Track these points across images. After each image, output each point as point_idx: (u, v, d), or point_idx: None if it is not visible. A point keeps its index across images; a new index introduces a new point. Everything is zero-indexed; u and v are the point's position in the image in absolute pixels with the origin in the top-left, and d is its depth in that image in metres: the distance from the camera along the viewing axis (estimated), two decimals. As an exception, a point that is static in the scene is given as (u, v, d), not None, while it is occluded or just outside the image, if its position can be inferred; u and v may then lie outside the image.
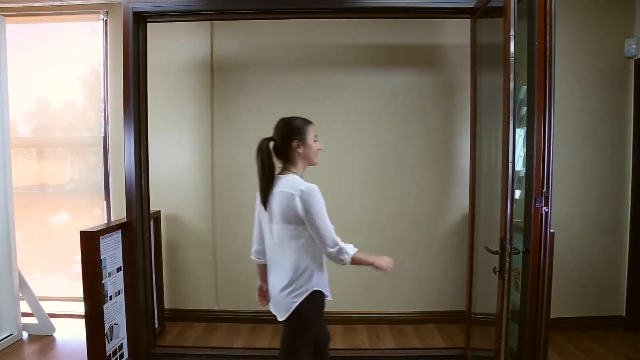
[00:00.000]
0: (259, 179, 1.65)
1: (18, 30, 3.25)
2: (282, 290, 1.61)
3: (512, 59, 1.79)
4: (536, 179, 1.82)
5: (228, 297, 3.21)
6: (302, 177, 1.65)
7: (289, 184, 1.59)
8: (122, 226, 2.43)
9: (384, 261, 1.64)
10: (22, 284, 2.90)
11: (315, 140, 1.69)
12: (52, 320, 2.99)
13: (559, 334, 2.86)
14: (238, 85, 3.10)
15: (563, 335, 2.86)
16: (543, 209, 1.81)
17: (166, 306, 3.10)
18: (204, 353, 2.65)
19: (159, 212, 3.02)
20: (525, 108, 2.33)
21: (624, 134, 2.95)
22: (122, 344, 2.44)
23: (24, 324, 2.94)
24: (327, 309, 1.72)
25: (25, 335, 2.94)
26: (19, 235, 3.08)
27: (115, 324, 2.37)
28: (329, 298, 1.70)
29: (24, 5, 3.12)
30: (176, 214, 3.17)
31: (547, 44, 1.85)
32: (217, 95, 3.12)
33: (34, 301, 2.93)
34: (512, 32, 1.78)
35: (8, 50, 2.83)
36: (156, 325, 2.83)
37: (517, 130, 2.29)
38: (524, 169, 2.33)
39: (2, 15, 2.81)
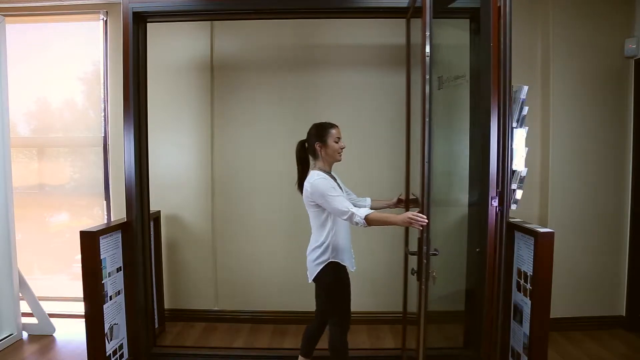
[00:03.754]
0: (297, 172, 2.10)
1: (18, 30, 3.25)
2: (309, 257, 2.05)
3: (427, 59, 1.79)
4: (497, 178, 1.83)
5: (228, 297, 3.21)
6: (324, 171, 2.02)
7: (308, 177, 2.00)
8: (122, 226, 2.43)
9: (400, 219, 1.78)
10: (22, 284, 2.89)
11: (336, 142, 2.03)
12: (52, 320, 2.99)
13: (559, 334, 2.87)
14: (238, 86, 3.10)
15: (563, 335, 2.86)
16: (497, 207, 1.82)
17: (166, 306, 3.10)
18: (203, 353, 2.65)
19: (159, 212, 3.02)
20: (527, 108, 2.34)
21: (624, 134, 2.95)
22: (122, 344, 2.44)
23: (24, 324, 2.94)
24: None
25: (25, 335, 2.94)
26: (19, 235, 3.08)
27: (115, 324, 2.37)
28: (351, 269, 2.06)
29: (24, 5, 3.12)
30: (176, 214, 3.17)
31: (502, 45, 1.85)
32: (217, 95, 3.12)
33: (34, 301, 2.93)
34: (427, 32, 1.78)
35: (8, 50, 2.83)
36: (156, 325, 2.82)
37: (520, 130, 2.31)
38: (526, 169, 2.35)
39: (2, 15, 2.81)
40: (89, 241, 2.19)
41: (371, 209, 2.15)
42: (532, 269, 2.05)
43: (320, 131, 2.03)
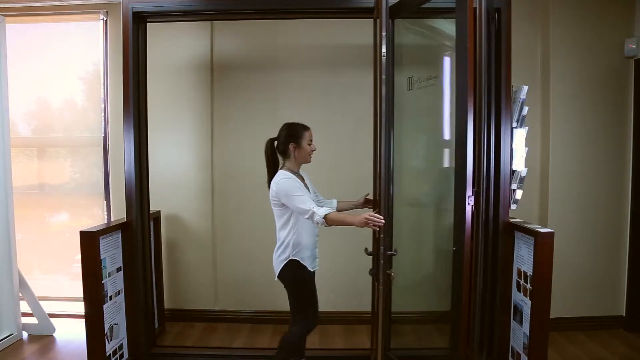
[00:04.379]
0: (267, 171, 2.13)
1: (18, 30, 3.25)
2: (274, 254, 2.09)
3: (383, 59, 1.79)
4: (474, 177, 1.83)
5: (228, 297, 3.21)
6: (292, 171, 2.06)
7: (275, 177, 2.03)
8: (122, 226, 2.43)
9: (357, 219, 1.82)
10: (22, 284, 2.89)
11: (309, 144, 2.07)
12: (52, 320, 2.99)
13: (559, 334, 2.86)
14: (238, 85, 3.10)
15: (563, 335, 2.86)
16: (473, 207, 1.82)
17: (166, 306, 3.10)
18: (204, 353, 2.65)
19: (159, 212, 3.02)
20: (527, 108, 2.35)
21: (624, 133, 2.95)
22: (122, 344, 2.44)
23: (24, 324, 2.94)
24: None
25: (25, 335, 2.94)
26: (19, 235, 3.08)
27: (115, 324, 2.37)
28: (312, 269, 2.08)
29: (24, 5, 3.12)
30: (176, 214, 3.17)
31: (477, 46, 1.86)
32: (217, 95, 3.12)
33: (34, 301, 2.93)
34: (383, 32, 1.78)
35: (8, 50, 2.83)
36: (156, 325, 2.82)
37: (520, 130, 2.32)
38: (526, 169, 2.35)
39: (2, 15, 2.81)
40: (89, 241, 2.19)
41: (337, 210, 2.23)
42: (532, 269, 2.05)
43: (295, 132, 2.06)
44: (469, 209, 1.76)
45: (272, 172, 2.09)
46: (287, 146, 2.05)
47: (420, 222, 2.71)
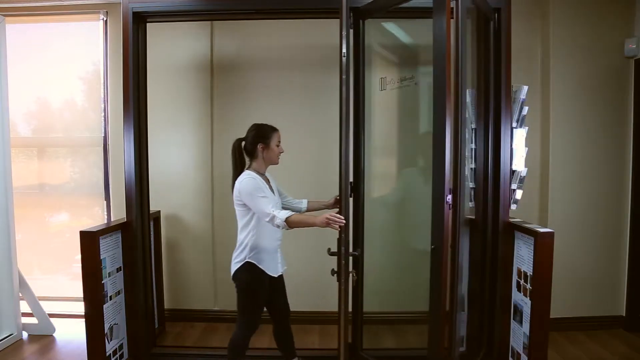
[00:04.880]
0: (232, 170, 2.12)
1: (18, 30, 3.25)
2: (233, 254, 2.09)
3: (344, 59, 1.79)
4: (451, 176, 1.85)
5: (228, 297, 3.20)
6: (258, 172, 2.06)
7: (239, 177, 2.03)
8: (122, 226, 2.43)
9: (319, 220, 1.83)
10: (22, 284, 2.89)
11: (277, 145, 2.08)
12: (52, 320, 2.99)
13: (559, 334, 2.86)
14: (238, 86, 3.10)
15: (563, 335, 2.86)
16: (450, 205, 1.83)
17: (166, 306, 3.10)
18: (204, 353, 2.65)
19: (159, 212, 3.02)
20: (527, 108, 2.35)
21: (624, 133, 2.95)
22: (122, 344, 2.44)
23: (24, 324, 2.94)
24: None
25: (25, 335, 2.94)
26: (19, 235, 3.08)
27: (115, 324, 2.37)
28: (271, 274, 2.07)
29: (24, 5, 3.12)
30: (176, 214, 3.17)
31: (458, 46, 1.86)
32: (217, 95, 3.12)
33: (34, 301, 2.93)
34: (344, 32, 1.78)
35: (8, 50, 2.83)
36: (156, 325, 2.82)
37: (520, 130, 2.32)
38: (526, 169, 2.35)
39: (2, 15, 2.81)
40: (89, 241, 2.19)
41: (308, 210, 2.26)
42: (532, 269, 2.06)
43: (264, 133, 2.06)
44: (447, 207, 1.79)
45: (238, 172, 2.09)
46: (255, 147, 2.05)
47: (396, 221, 2.75)
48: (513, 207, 2.36)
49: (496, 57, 2.31)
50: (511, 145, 2.31)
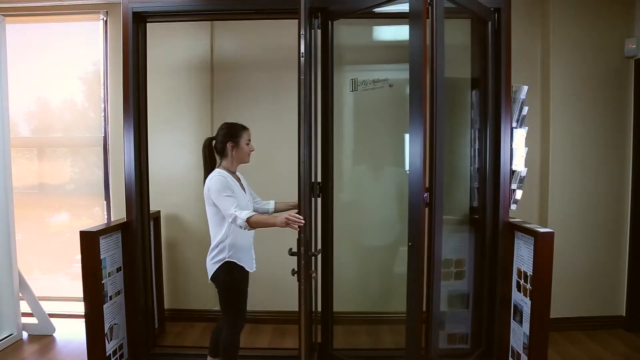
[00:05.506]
0: (203, 169, 2.13)
1: (18, 30, 3.25)
2: (208, 256, 2.08)
3: (302, 59, 1.81)
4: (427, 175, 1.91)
5: (228, 297, 3.20)
6: (229, 171, 2.08)
7: (210, 175, 2.03)
8: (122, 226, 2.43)
9: (278, 220, 1.87)
10: (22, 284, 2.89)
11: (247, 144, 2.11)
12: (52, 320, 2.99)
13: (559, 334, 2.86)
14: (238, 85, 3.10)
15: (563, 335, 2.86)
16: (426, 202, 1.89)
17: (166, 306, 3.10)
18: (204, 353, 2.63)
19: (159, 212, 3.02)
20: (527, 108, 2.35)
21: (624, 134, 2.95)
22: (122, 344, 2.44)
23: (24, 324, 2.94)
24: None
25: (25, 335, 2.94)
26: (19, 235, 3.08)
27: (115, 324, 2.37)
28: (249, 270, 2.11)
29: (24, 5, 3.12)
30: (176, 214, 3.17)
31: (434, 45, 1.88)
32: (217, 95, 3.12)
33: (34, 301, 2.93)
34: (302, 32, 1.81)
35: (8, 50, 2.83)
36: (156, 326, 2.82)
37: (520, 130, 2.32)
38: (526, 169, 2.36)
39: (2, 15, 2.81)
40: (89, 241, 2.20)
41: (276, 210, 2.28)
42: (532, 269, 2.06)
43: (233, 131, 2.08)
44: (422, 205, 1.84)
45: (208, 171, 2.10)
46: (225, 145, 2.07)
47: (367, 220, 2.78)
48: (513, 207, 2.36)
49: (496, 57, 2.31)
50: (511, 145, 2.31)
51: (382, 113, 2.65)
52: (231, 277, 2.05)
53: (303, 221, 1.83)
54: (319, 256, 2.35)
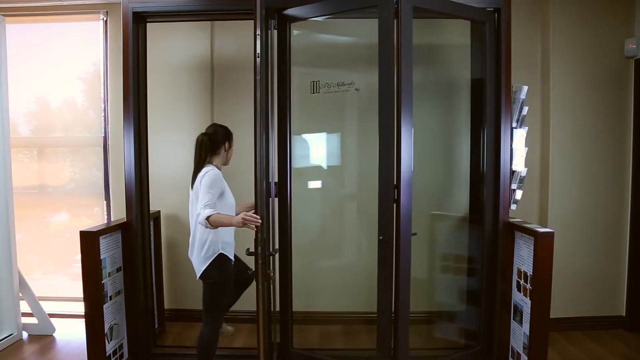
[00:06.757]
0: (194, 165, 2.14)
1: (18, 30, 3.25)
2: (195, 253, 2.10)
3: (258, 59, 1.84)
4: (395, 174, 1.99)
5: (228, 297, 3.20)
6: (219, 169, 2.13)
7: (204, 171, 2.07)
8: (122, 226, 2.43)
9: (235, 220, 1.90)
10: (22, 284, 2.89)
11: (232, 148, 2.24)
12: (52, 320, 2.99)
13: (559, 334, 2.86)
14: (238, 85, 3.10)
15: (563, 335, 2.86)
16: (394, 199, 1.96)
17: (166, 306, 3.10)
18: (204, 353, 2.64)
19: (159, 212, 3.02)
20: (527, 108, 2.36)
21: (623, 134, 2.95)
22: (122, 344, 2.44)
23: (24, 324, 2.94)
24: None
25: (25, 335, 2.94)
26: (19, 235, 3.08)
27: (115, 324, 2.37)
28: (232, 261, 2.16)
29: (24, 5, 3.12)
30: (176, 214, 3.17)
31: (402, 46, 1.94)
32: (217, 95, 3.12)
33: (34, 301, 2.93)
34: (258, 32, 1.84)
35: (8, 50, 2.83)
36: (156, 325, 2.82)
37: (520, 130, 2.32)
38: (526, 169, 2.36)
39: (2, 15, 2.81)
40: (89, 241, 2.20)
41: (237, 213, 2.22)
42: (532, 269, 2.06)
43: (229, 133, 2.23)
44: (391, 202, 1.92)
45: (200, 167, 2.12)
46: (222, 144, 2.17)
47: (329, 219, 2.90)
48: (513, 207, 2.36)
49: (496, 57, 2.31)
50: (511, 145, 2.31)
51: (348, 115, 2.77)
52: (220, 272, 2.09)
53: (260, 221, 1.85)
54: (277, 255, 2.35)
